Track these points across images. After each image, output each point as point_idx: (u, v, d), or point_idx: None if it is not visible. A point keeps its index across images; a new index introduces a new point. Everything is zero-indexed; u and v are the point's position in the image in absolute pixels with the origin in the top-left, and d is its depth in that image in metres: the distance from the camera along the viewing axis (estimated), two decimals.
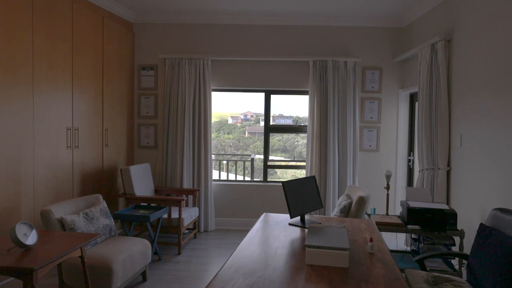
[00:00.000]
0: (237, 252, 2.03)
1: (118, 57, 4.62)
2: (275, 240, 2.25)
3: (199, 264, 3.71)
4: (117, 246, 2.95)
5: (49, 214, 2.74)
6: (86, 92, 4.05)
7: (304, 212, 2.63)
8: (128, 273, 2.88)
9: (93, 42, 4.12)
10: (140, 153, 5.09)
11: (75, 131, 3.88)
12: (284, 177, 6.96)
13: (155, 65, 5.01)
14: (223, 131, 7.33)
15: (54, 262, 2.07)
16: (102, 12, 4.35)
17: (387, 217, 3.18)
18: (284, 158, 6.67)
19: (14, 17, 3.11)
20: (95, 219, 3.05)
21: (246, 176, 6.47)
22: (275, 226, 2.59)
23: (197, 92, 4.84)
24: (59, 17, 3.61)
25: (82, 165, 4.00)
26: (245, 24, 4.92)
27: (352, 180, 4.81)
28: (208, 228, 4.86)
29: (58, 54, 3.61)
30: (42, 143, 3.44)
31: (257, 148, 7.19)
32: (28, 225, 2.24)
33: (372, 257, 1.96)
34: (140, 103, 5.05)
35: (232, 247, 4.26)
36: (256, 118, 7.38)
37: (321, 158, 4.78)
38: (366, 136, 4.94)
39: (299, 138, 6.87)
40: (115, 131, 4.61)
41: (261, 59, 4.92)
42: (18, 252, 2.13)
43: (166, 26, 4.97)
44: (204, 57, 4.81)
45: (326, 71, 4.78)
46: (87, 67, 4.04)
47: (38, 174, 3.41)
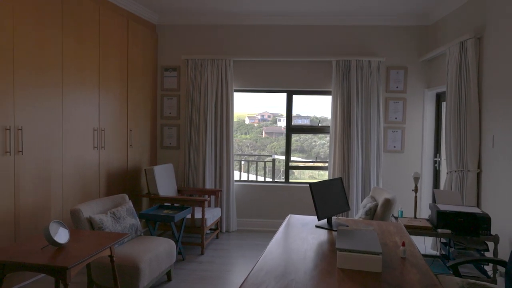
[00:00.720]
0: (266, 254, 2.01)
1: (142, 59, 4.69)
2: (304, 243, 2.22)
3: (222, 265, 3.72)
4: (144, 245, 2.99)
5: (79, 213, 2.80)
6: (112, 93, 4.13)
7: (332, 214, 2.59)
8: (154, 272, 2.92)
9: (118, 44, 4.19)
10: (163, 154, 5.15)
11: (101, 131, 3.96)
12: (301, 177, 6.90)
13: (177, 66, 5.06)
14: (240, 131, 7.35)
15: (86, 261, 2.11)
16: (127, 15, 4.43)
17: (416, 220, 3.09)
18: (301, 159, 6.62)
19: (45, 21, 3.20)
20: (122, 218, 3.10)
21: (264, 176, 6.45)
22: (302, 228, 2.56)
23: (219, 92, 4.85)
24: (87, 20, 3.69)
25: (107, 165, 4.08)
26: (268, 25, 4.91)
27: (376, 182, 4.71)
28: (230, 228, 4.87)
29: (86, 56, 3.70)
30: (70, 143, 3.53)
31: (274, 148, 7.16)
32: (61, 224, 2.30)
33: (405, 262, 1.90)
34: (163, 104, 5.11)
35: (255, 248, 4.25)
36: (273, 119, 7.36)
37: (344, 159, 4.71)
38: (390, 137, 4.84)
39: (316, 138, 6.80)
40: (139, 131, 4.69)
41: (283, 60, 4.89)
42: (51, 250, 2.18)
43: (189, 27, 5.01)
44: (226, 58, 4.82)
45: (349, 71, 4.71)
46: (112, 69, 4.12)
47: (66, 174, 3.49)
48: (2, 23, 2.82)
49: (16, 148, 2.96)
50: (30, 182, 3.11)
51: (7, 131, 2.89)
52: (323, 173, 6.56)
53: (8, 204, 2.92)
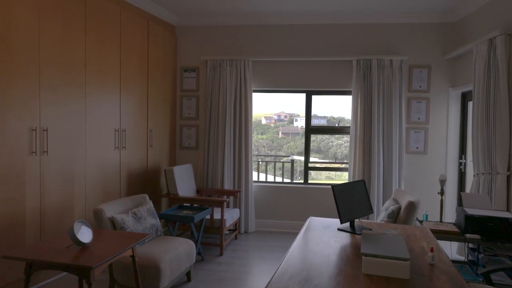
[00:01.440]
0: (288, 257, 1.97)
1: (161, 60, 4.73)
2: (326, 246, 2.17)
3: (241, 266, 3.70)
4: (164, 245, 3.00)
5: (101, 213, 2.84)
6: (133, 94, 4.17)
7: (354, 217, 2.53)
8: (174, 273, 2.92)
9: (139, 45, 4.24)
10: (182, 154, 5.18)
11: (122, 132, 4.01)
12: (318, 178, 6.82)
13: (196, 67, 5.08)
14: (256, 132, 7.33)
15: (109, 261, 2.13)
16: (148, 16, 4.48)
17: (442, 224, 2.99)
18: (318, 159, 6.54)
19: (70, 23, 3.26)
20: (143, 218, 3.12)
21: (282, 177, 6.40)
22: (324, 231, 2.51)
23: (237, 93, 4.84)
24: (109, 22, 3.74)
25: (128, 165, 4.13)
26: (287, 24, 4.86)
27: (398, 184, 4.60)
28: (248, 229, 4.85)
29: (108, 58, 3.75)
30: (92, 144, 3.59)
31: (290, 148, 7.11)
32: (84, 224, 2.33)
33: (434, 269, 1.83)
34: (182, 105, 5.14)
35: (274, 249, 4.22)
36: (290, 119, 7.30)
37: (364, 160, 4.62)
38: (412, 138, 4.71)
39: (333, 138, 6.70)
40: (158, 132, 4.73)
41: (302, 59, 4.84)
42: (75, 249, 2.21)
43: (208, 28, 5.03)
44: (245, 58, 4.81)
45: (370, 70, 4.61)
46: (133, 70, 4.17)
47: (89, 174, 3.55)
48: (30, 26, 2.89)
49: (41, 148, 3.03)
50: (55, 182, 3.18)
51: (33, 132, 2.96)
52: (340, 174, 6.47)
53: (34, 203, 2.99)
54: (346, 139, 6.59)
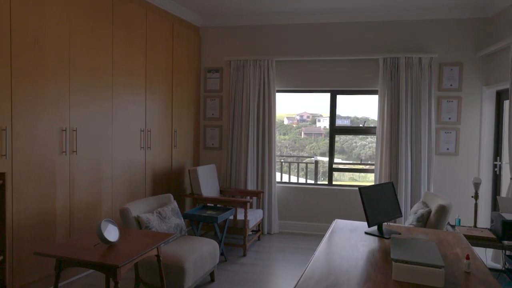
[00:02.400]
0: (314, 260, 1.92)
1: (186, 61, 4.78)
2: (354, 250, 2.10)
3: (264, 267, 3.67)
4: (188, 245, 3.01)
5: (127, 212, 2.89)
6: (157, 95, 4.23)
7: (382, 220, 2.44)
8: (198, 273, 2.93)
9: (164, 47, 4.30)
10: (206, 154, 5.21)
11: (147, 132, 4.07)
12: (341, 179, 6.68)
13: (220, 67, 5.10)
14: (279, 132, 7.28)
15: (135, 260, 2.15)
16: (172, 18, 4.53)
17: (476, 229, 2.84)
18: (341, 160, 6.42)
19: (97, 26, 3.34)
20: (167, 218, 3.15)
21: (306, 178, 6.32)
22: (350, 234, 2.44)
23: (261, 93, 4.82)
24: (135, 24, 3.81)
25: (153, 165, 4.19)
26: (311, 23, 4.80)
27: (427, 187, 4.43)
28: (271, 230, 4.82)
29: (134, 59, 3.82)
30: (119, 144, 3.66)
31: (313, 149, 7.01)
32: (111, 223, 2.37)
33: (470, 277, 1.73)
34: (206, 105, 5.17)
35: (297, 251, 4.16)
36: (313, 119, 7.21)
37: (391, 161, 4.48)
38: (443, 139, 4.52)
39: (357, 139, 6.55)
40: (183, 132, 4.77)
41: (326, 58, 4.75)
42: (103, 248, 2.25)
43: (231, 28, 5.03)
44: (268, 58, 4.78)
45: (398, 68, 4.47)
46: (158, 71, 4.22)
47: (116, 173, 3.63)
48: (61, 29, 2.98)
49: (71, 148, 3.12)
50: (83, 181, 3.26)
51: (64, 132, 3.05)
52: (364, 175, 6.31)
53: (64, 202, 3.08)
54: (370, 139, 6.43)
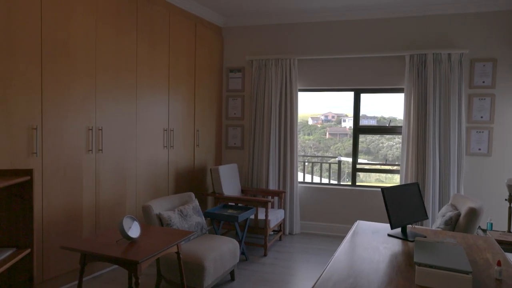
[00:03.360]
0: (333, 263, 1.88)
1: (208, 61, 4.82)
2: (375, 253, 2.04)
3: (285, 268, 3.64)
4: (208, 244, 3.03)
5: (150, 209, 2.94)
6: (180, 94, 4.30)
7: (407, 222, 2.36)
8: (218, 271, 2.94)
9: (186, 47, 4.35)
10: (228, 154, 5.24)
11: (170, 132, 4.14)
12: (367, 180, 6.53)
13: (242, 67, 5.11)
14: (303, 132, 7.22)
15: (155, 256, 2.18)
16: (195, 19, 4.58)
17: (510, 235, 2.68)
18: (367, 161, 6.27)
19: (122, 27, 3.43)
20: (188, 216, 3.18)
21: (329, 179, 6.22)
22: (372, 236, 2.37)
23: (283, 92, 4.79)
24: (158, 26, 3.88)
25: (176, 164, 4.26)
26: (334, 21, 4.71)
27: (456, 188, 4.24)
28: (293, 231, 4.77)
29: (157, 60, 3.89)
30: (143, 143, 3.74)
31: (338, 149, 6.90)
32: (133, 219, 2.42)
33: (501, 285, 1.63)
34: (228, 105, 5.20)
35: (319, 253, 4.09)
36: (338, 119, 7.08)
37: (418, 162, 4.32)
38: (474, 139, 4.32)
39: (384, 139, 6.38)
40: (205, 132, 4.82)
41: (350, 56, 4.66)
42: (125, 243, 2.30)
43: (253, 28, 5.03)
44: (290, 57, 4.74)
45: (425, 65, 4.31)
46: (181, 71, 4.29)
47: (139, 171, 3.71)
48: (87, 32, 3.08)
49: (97, 146, 3.21)
50: (108, 178, 3.36)
51: (90, 131, 3.15)
52: (391, 177, 6.13)
53: (90, 198, 3.18)
54: (398, 140, 6.24)
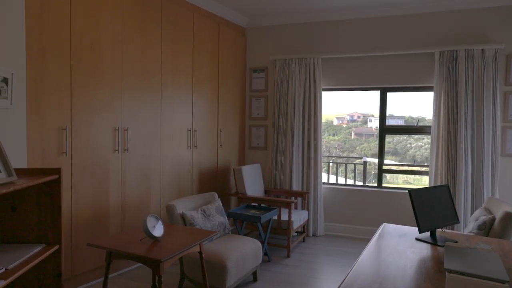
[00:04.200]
0: (358, 266, 1.82)
1: (231, 62, 4.84)
2: (402, 257, 1.96)
3: (308, 270, 3.58)
4: (231, 244, 3.03)
5: (173, 209, 2.98)
6: (204, 95, 4.33)
7: (436, 226, 2.25)
8: (240, 272, 2.93)
9: (210, 48, 4.39)
10: (251, 154, 5.24)
11: (194, 132, 4.18)
12: (394, 182, 6.34)
13: (265, 67, 5.09)
14: (328, 133, 7.11)
15: (177, 255, 2.20)
16: (219, 20, 4.61)
17: None
18: (394, 162, 6.08)
19: (147, 30, 3.49)
20: (211, 216, 3.20)
21: (354, 180, 6.09)
22: (399, 240, 2.28)
23: (306, 92, 4.73)
24: (182, 27, 3.93)
25: (199, 164, 4.30)
26: (358, 18, 4.60)
27: (490, 191, 4.03)
28: (317, 232, 4.70)
29: (181, 61, 3.94)
30: (167, 143, 3.80)
31: (364, 150, 6.74)
32: (156, 218, 2.45)
33: None
34: (251, 105, 5.20)
35: (343, 255, 4.01)
36: (363, 119, 6.93)
37: (448, 163, 4.14)
38: (510, 138, 4.09)
39: (412, 140, 6.16)
40: (228, 132, 4.84)
41: (376, 54, 4.53)
42: (148, 242, 2.33)
43: (276, 27, 5.00)
44: (314, 56, 4.67)
45: (456, 62, 4.12)
46: (205, 72, 4.32)
47: (164, 171, 3.77)
48: (115, 36, 3.17)
49: (123, 146, 3.29)
50: (134, 178, 3.43)
51: (116, 131, 3.23)
52: (420, 178, 5.92)
53: (116, 197, 3.27)
54: (426, 140, 6.02)
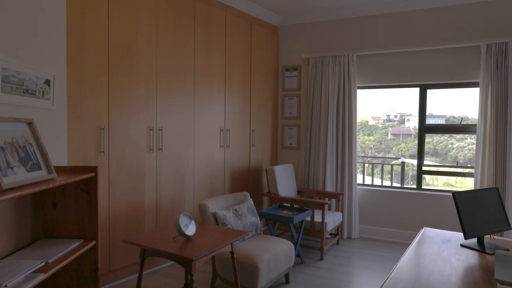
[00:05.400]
0: (396, 272, 1.72)
1: (264, 61, 4.81)
2: (445, 265, 1.82)
3: (342, 274, 3.47)
4: (263, 245, 3.00)
5: (205, 208, 2.99)
6: (236, 95, 4.33)
7: (484, 232, 2.08)
8: (272, 273, 2.89)
9: (242, 48, 4.38)
10: (283, 154, 5.18)
11: (226, 132, 4.19)
12: (434, 184, 6.02)
13: (298, 65, 5.01)
14: (363, 133, 6.89)
15: (209, 255, 2.20)
16: (251, 19, 4.60)
17: None
18: (434, 163, 5.77)
19: (181, 31, 3.55)
20: (243, 216, 3.18)
21: (391, 181, 5.85)
22: (442, 245, 2.13)
23: (341, 90, 4.60)
24: (215, 27, 3.96)
25: (232, 163, 4.30)
26: (394, 12, 4.40)
27: None
28: (351, 235, 4.55)
29: (213, 61, 3.97)
30: (200, 142, 3.83)
31: (401, 150, 6.46)
32: (189, 217, 2.47)
33: None
34: (284, 104, 5.14)
35: (379, 260, 3.85)
36: (401, 118, 6.64)
37: (497, 165, 3.85)
38: None
39: (454, 140, 5.81)
40: (260, 131, 4.81)
41: (415, 49, 4.31)
42: (181, 241, 2.35)
43: (309, 25, 4.91)
44: (349, 53, 4.53)
45: (505, 56, 3.82)
46: (237, 72, 4.32)
47: (196, 170, 3.81)
48: (149, 38, 3.24)
49: (157, 146, 3.36)
50: (168, 176, 3.49)
51: (151, 131, 3.30)
52: (462, 180, 5.59)
53: (151, 195, 3.34)
54: (470, 140, 5.66)
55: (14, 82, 1.92)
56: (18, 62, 1.95)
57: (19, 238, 1.88)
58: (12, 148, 1.65)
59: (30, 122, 1.84)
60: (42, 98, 2.12)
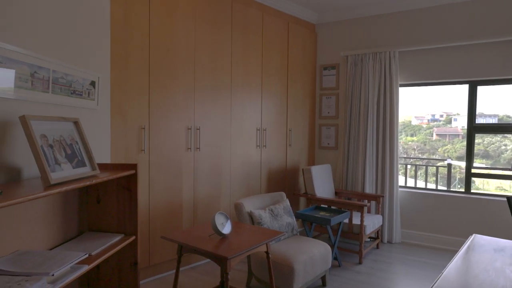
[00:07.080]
0: (442, 281, 1.60)
1: (301, 59, 4.74)
2: (499, 276, 1.68)
3: (382, 279, 3.33)
4: (299, 246, 2.95)
5: (241, 207, 3.00)
6: (273, 94, 4.31)
7: None
8: (308, 275, 2.83)
9: (279, 47, 4.35)
10: (321, 154, 5.08)
11: (263, 131, 4.18)
12: (485, 188, 5.61)
13: (336, 64, 4.89)
14: (405, 133, 6.58)
15: (244, 254, 2.20)
16: (288, 18, 4.55)
17: None
18: (485, 165, 5.38)
19: (218, 32, 3.59)
20: (279, 216, 3.15)
21: (436, 184, 5.54)
22: (495, 254, 1.97)
23: (381, 88, 4.42)
24: (252, 27, 3.96)
25: (268, 163, 4.29)
26: (439, 5, 4.15)
27: None
28: (392, 239, 4.36)
29: (250, 61, 3.97)
30: (237, 142, 3.86)
31: (447, 152, 6.09)
32: (225, 216, 2.48)
33: None
34: (322, 103, 5.04)
35: (422, 266, 3.64)
36: (447, 118, 6.26)
37: None
38: None
39: (507, 141, 5.39)
40: (297, 131, 4.75)
41: (463, 44, 4.03)
42: (216, 239, 2.37)
43: (348, 22, 4.77)
44: (390, 50, 4.34)
45: None
46: (274, 71, 4.30)
47: (233, 169, 3.83)
48: (188, 39, 3.31)
49: (195, 145, 3.42)
50: (205, 175, 3.55)
51: (189, 130, 3.37)
52: None
53: (189, 193, 3.41)
54: None
55: (63, 84, 2.03)
56: (66, 65, 2.06)
57: (66, 230, 2.00)
58: (59, 146, 1.75)
59: (76, 121, 1.94)
60: (87, 99, 2.23)
